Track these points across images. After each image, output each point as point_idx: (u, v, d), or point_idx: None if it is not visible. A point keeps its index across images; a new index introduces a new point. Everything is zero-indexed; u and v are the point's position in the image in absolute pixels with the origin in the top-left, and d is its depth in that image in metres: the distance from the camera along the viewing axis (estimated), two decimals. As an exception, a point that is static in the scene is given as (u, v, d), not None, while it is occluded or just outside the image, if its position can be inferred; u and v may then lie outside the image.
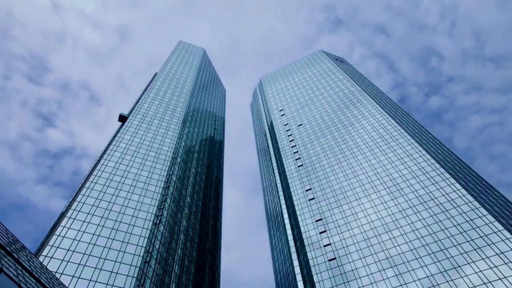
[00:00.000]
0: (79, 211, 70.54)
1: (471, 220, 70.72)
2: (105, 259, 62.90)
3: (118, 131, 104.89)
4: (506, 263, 60.72)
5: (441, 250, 68.15)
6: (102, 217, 71.36)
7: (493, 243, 64.74)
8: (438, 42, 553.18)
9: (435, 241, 70.22)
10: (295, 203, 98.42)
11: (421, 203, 79.70)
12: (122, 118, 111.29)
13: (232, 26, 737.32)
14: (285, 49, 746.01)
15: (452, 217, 73.34)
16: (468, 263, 63.60)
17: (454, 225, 71.39)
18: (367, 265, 72.62)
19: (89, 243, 64.65)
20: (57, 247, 61.36)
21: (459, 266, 63.83)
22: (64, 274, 57.26)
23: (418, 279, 65.30)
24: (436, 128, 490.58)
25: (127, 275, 61.40)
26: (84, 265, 60.17)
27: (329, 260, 77.38)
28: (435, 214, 75.64)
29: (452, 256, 66.13)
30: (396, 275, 68.06)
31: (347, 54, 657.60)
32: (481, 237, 66.79)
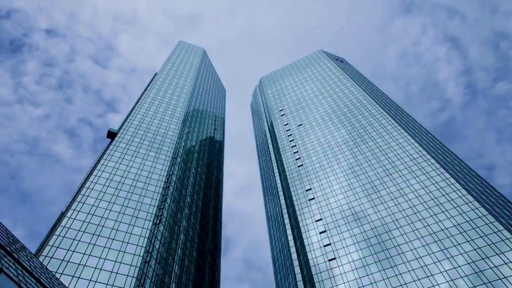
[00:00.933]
0: (79, 211, 70.54)
1: (471, 220, 70.72)
2: (105, 259, 62.90)
3: (118, 131, 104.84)
4: (506, 263, 60.72)
5: (441, 250, 68.16)
6: (102, 217, 71.36)
7: (493, 243, 64.74)
8: (510, 26, 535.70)
9: (435, 241, 70.22)
10: (295, 203, 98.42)
11: (421, 203, 79.70)
12: (111, 135, 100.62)
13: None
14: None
15: (452, 217, 73.34)
16: (468, 263, 63.61)
17: (454, 225, 71.40)
18: (367, 265, 72.62)
19: (89, 243, 64.64)
20: (57, 247, 61.36)
21: (459, 266, 63.83)
22: (64, 274, 57.26)
23: (418, 279, 65.30)
24: (502, 113, 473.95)
25: (127, 275, 61.41)
26: (84, 265, 60.16)
27: (329, 260, 77.37)
28: (435, 214, 75.64)
29: (452, 256, 66.13)
30: (396, 275, 68.07)
31: (416, 39, 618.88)
32: (481, 237, 66.79)
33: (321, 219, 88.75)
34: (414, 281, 65.44)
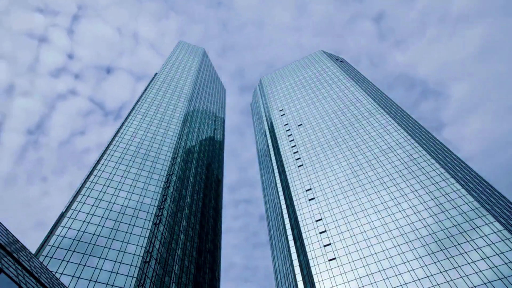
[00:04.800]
0: (79, 211, 70.55)
1: (471, 220, 70.72)
2: (105, 259, 62.91)
3: (118, 131, 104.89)
4: (506, 263, 60.73)
5: (441, 250, 68.16)
6: (102, 217, 71.38)
7: (493, 243, 64.75)
8: None
9: (435, 241, 70.23)
10: (295, 203, 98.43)
11: (421, 203, 79.71)
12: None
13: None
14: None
15: (452, 217, 73.35)
16: (468, 263, 63.62)
17: (454, 225, 71.40)
18: (367, 265, 72.63)
19: (89, 243, 64.66)
20: (57, 247, 61.37)
21: (459, 266, 63.85)
22: (64, 274, 57.27)
23: (418, 279, 65.31)
24: None
25: (127, 275, 61.41)
26: (84, 265, 60.18)
27: (329, 260, 77.39)
28: (435, 214, 75.65)
29: (452, 256, 66.14)
30: (396, 275, 68.08)
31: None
32: (481, 237, 66.80)
33: (321, 219, 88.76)
34: (414, 281, 65.47)
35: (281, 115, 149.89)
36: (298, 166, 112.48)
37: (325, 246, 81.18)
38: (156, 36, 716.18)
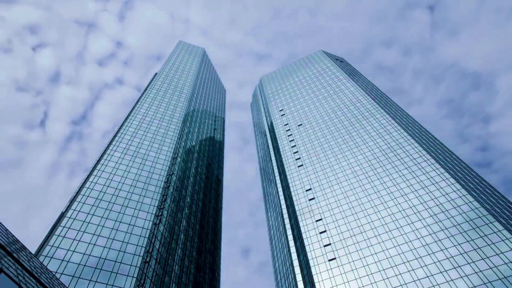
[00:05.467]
0: (79, 211, 70.56)
1: (471, 220, 70.72)
2: (105, 259, 62.91)
3: (118, 131, 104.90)
4: (506, 263, 60.73)
5: (441, 250, 68.16)
6: (102, 217, 71.38)
7: (493, 243, 64.75)
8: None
9: (435, 241, 70.22)
10: (295, 203, 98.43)
11: (421, 203, 79.70)
12: None
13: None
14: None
15: (452, 217, 73.34)
16: (468, 263, 63.62)
17: (454, 225, 71.40)
18: (367, 265, 72.62)
19: (89, 243, 64.66)
20: (57, 247, 61.37)
21: (459, 266, 63.84)
22: (64, 274, 57.27)
23: (418, 279, 65.31)
24: None
25: (127, 275, 61.41)
26: (84, 265, 60.17)
27: (329, 260, 77.39)
28: (435, 214, 75.65)
29: (452, 256, 66.14)
30: (396, 275, 68.07)
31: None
32: (481, 237, 66.80)
33: (321, 219, 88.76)
34: (414, 281, 65.45)
35: (281, 115, 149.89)
36: (298, 166, 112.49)
37: (325, 246, 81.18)
38: (208, 24, 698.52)
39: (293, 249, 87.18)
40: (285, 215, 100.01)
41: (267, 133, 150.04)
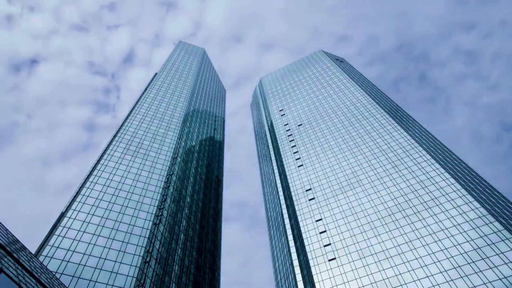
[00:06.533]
0: (79, 211, 70.56)
1: (471, 220, 70.73)
2: (105, 259, 62.91)
3: (118, 131, 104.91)
4: (506, 263, 60.74)
5: (441, 250, 68.17)
6: (102, 217, 71.38)
7: (492, 243, 64.75)
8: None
9: (435, 241, 70.23)
10: (295, 203, 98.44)
11: (421, 203, 79.71)
12: None
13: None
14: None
15: (452, 217, 73.35)
16: (468, 263, 63.62)
17: (454, 225, 71.41)
18: (367, 265, 72.62)
19: (89, 243, 64.66)
20: (57, 247, 61.37)
21: (459, 266, 63.84)
22: (64, 274, 57.27)
23: (418, 279, 65.31)
24: None
25: (127, 275, 61.41)
26: (84, 265, 60.17)
27: (329, 260, 77.39)
28: (435, 214, 75.65)
29: (452, 256, 66.14)
30: (396, 275, 68.08)
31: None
32: (481, 237, 66.81)
33: (321, 219, 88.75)
34: (414, 281, 65.45)
35: (281, 115, 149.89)
36: (298, 166, 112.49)
37: (325, 246, 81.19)
38: (287, 5, 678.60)
39: (293, 249, 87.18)
40: (285, 215, 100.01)
41: (267, 133, 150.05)
